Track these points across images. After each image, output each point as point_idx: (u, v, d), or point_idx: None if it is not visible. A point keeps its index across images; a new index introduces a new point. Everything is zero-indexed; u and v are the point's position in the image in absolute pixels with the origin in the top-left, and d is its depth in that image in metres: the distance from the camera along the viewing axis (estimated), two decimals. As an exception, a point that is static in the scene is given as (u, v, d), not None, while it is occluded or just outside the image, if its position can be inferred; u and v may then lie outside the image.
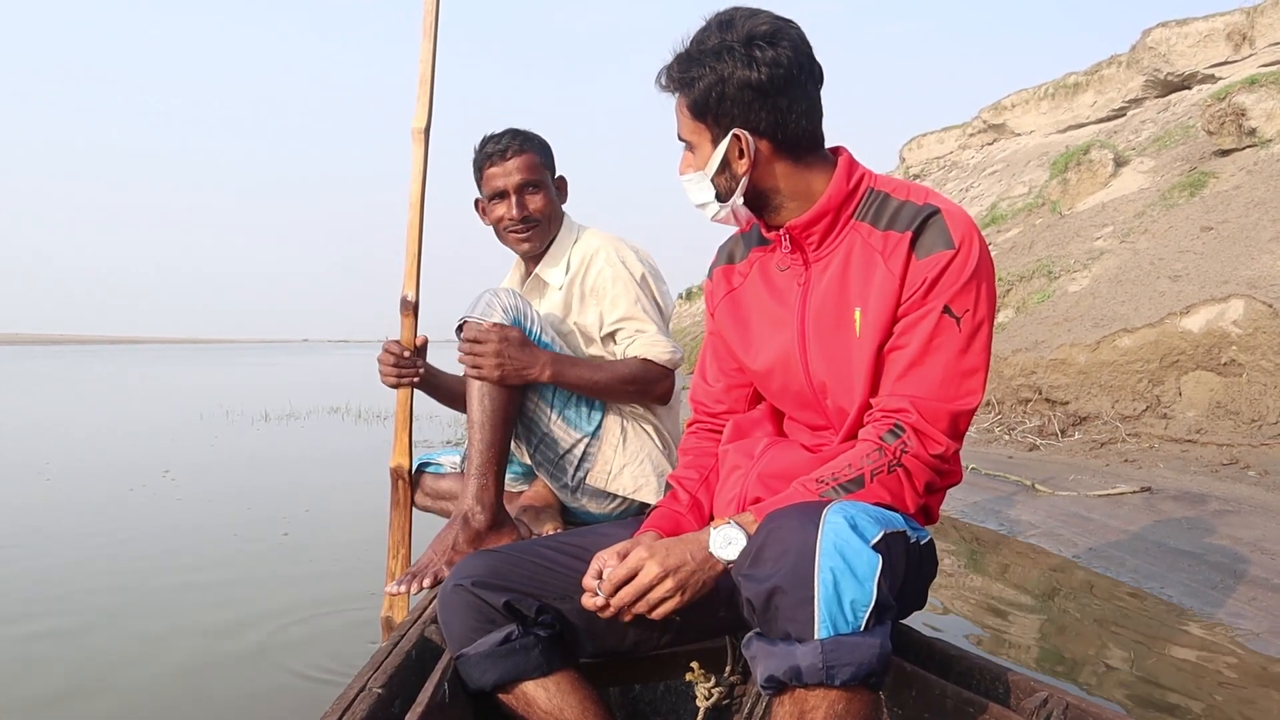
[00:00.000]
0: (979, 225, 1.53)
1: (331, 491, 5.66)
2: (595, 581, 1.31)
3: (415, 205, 2.13)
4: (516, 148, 2.22)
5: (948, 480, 1.37)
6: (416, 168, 2.14)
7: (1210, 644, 2.51)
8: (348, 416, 10.50)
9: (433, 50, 2.13)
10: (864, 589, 1.07)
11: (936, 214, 1.30)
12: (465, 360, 1.98)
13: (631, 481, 2.16)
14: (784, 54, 1.28)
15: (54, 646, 2.74)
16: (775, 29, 1.30)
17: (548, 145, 2.31)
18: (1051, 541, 3.75)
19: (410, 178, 2.14)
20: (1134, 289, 6.74)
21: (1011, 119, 16.83)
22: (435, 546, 1.95)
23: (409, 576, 1.89)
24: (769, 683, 1.11)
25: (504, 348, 1.97)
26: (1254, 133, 8.12)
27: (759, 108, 1.30)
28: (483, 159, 2.25)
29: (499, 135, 2.25)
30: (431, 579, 1.89)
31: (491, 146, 2.24)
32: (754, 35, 1.29)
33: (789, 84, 1.29)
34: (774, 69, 1.28)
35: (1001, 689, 1.32)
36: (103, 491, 5.52)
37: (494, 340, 1.96)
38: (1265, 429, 5.04)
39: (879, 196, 1.37)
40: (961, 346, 1.29)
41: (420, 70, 2.14)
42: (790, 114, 1.31)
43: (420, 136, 2.14)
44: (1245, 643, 2.49)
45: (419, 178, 2.14)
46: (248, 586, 3.42)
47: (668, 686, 1.77)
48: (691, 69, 1.32)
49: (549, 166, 2.29)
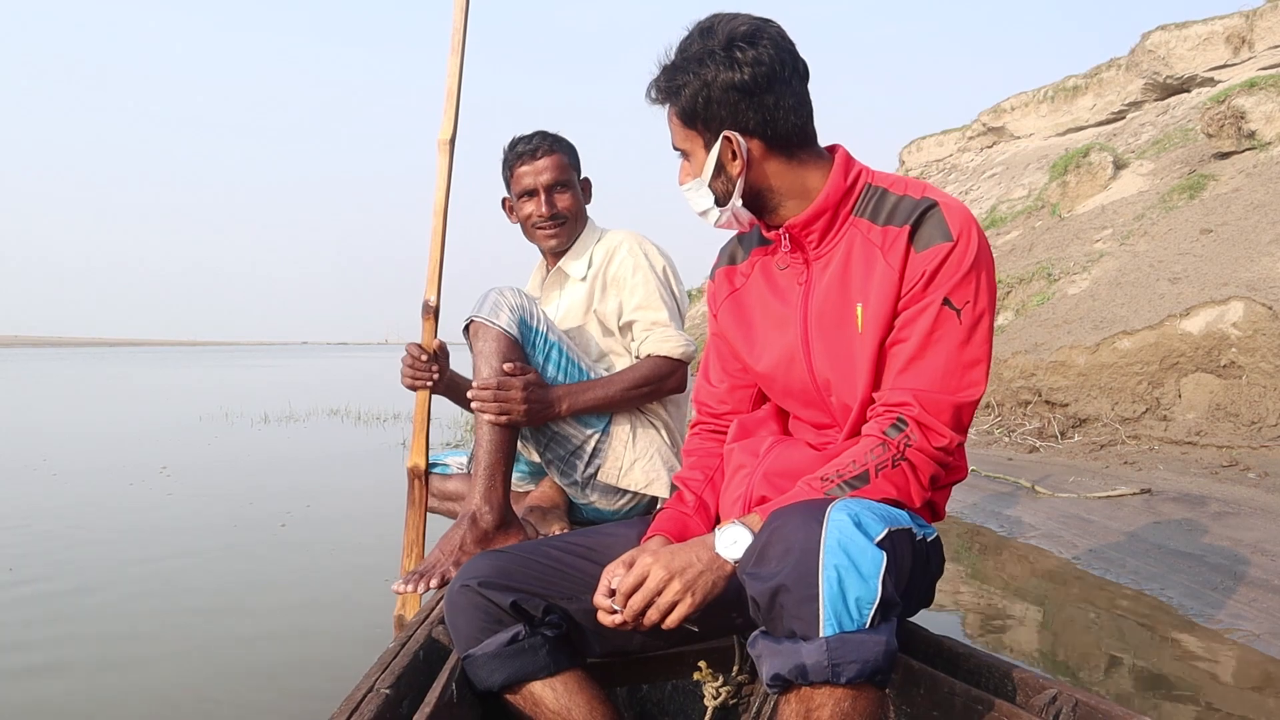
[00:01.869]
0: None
1: (332, 491, 5.67)
2: (608, 600, 1.31)
3: (439, 213, 2.17)
4: (546, 148, 2.29)
5: (953, 475, 1.38)
6: (441, 177, 2.18)
7: (1210, 645, 2.52)
8: (348, 418, 10.50)
9: (459, 66, 2.18)
10: (869, 586, 1.07)
11: (934, 207, 1.31)
12: (489, 408, 2.00)
13: (643, 476, 2.18)
14: (765, 52, 1.30)
15: (50, 644, 2.74)
16: (754, 29, 1.31)
17: (574, 148, 2.38)
18: (1051, 543, 3.76)
19: (435, 186, 2.19)
20: (1133, 291, 6.75)
21: (1011, 122, 16.86)
22: (442, 546, 1.96)
23: (416, 575, 1.90)
24: (774, 681, 1.11)
25: (530, 393, 2.02)
26: (1253, 135, 8.13)
27: (746, 107, 1.31)
28: (514, 158, 2.32)
29: (529, 136, 2.32)
30: (439, 579, 1.90)
31: (523, 146, 2.31)
32: (734, 37, 1.30)
33: (773, 81, 1.31)
34: (756, 68, 1.29)
35: (1010, 686, 1.32)
36: (103, 489, 5.52)
37: (519, 388, 2.00)
38: (1265, 431, 5.05)
39: (877, 192, 1.37)
40: (963, 338, 1.30)
41: (447, 84, 2.18)
42: (778, 111, 1.32)
43: (445, 147, 2.19)
44: (1245, 644, 2.50)
45: (443, 186, 2.18)
46: (246, 584, 3.43)
47: (675, 686, 1.77)
48: (676, 77, 1.34)
49: (576, 167, 2.36)
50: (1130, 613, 2.83)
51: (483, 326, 2.04)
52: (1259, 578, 3.00)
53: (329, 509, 5.06)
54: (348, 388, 16.91)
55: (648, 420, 2.24)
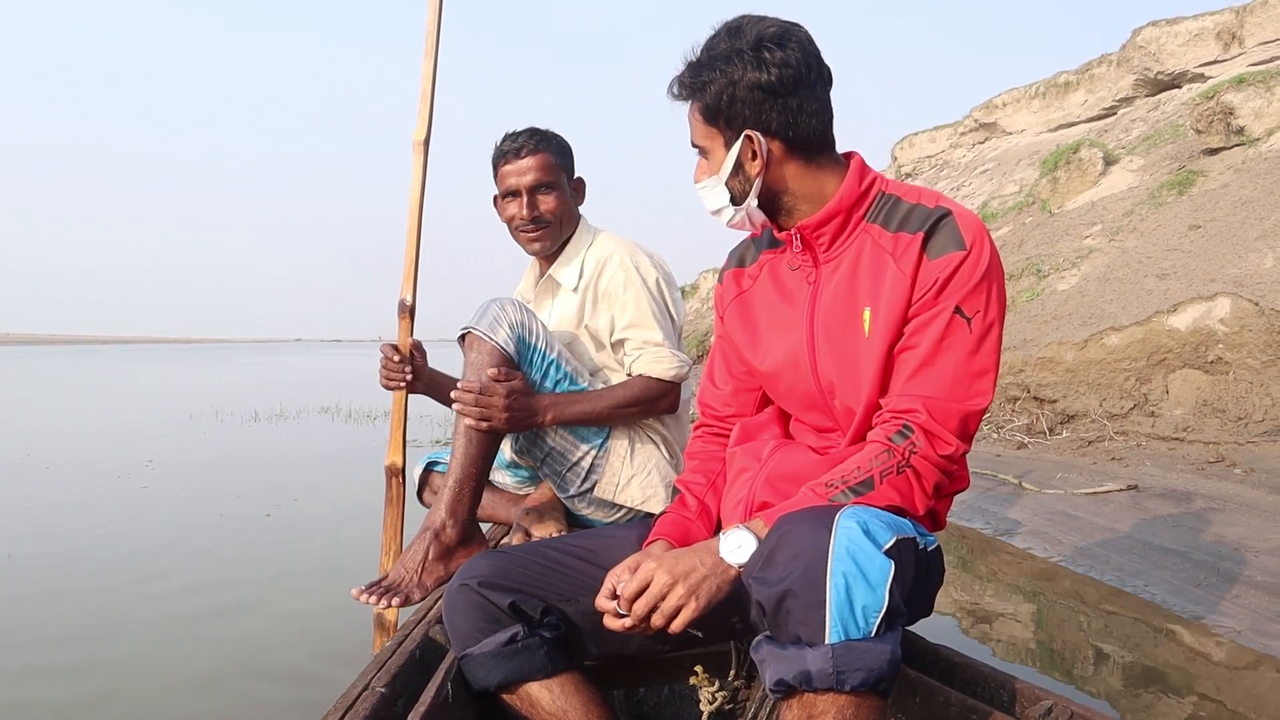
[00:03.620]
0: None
1: (318, 487, 5.64)
2: (612, 603, 1.30)
3: (414, 213, 2.19)
4: (532, 147, 2.23)
5: (955, 484, 1.38)
6: (416, 177, 2.20)
7: (1194, 641, 2.52)
8: (338, 416, 10.47)
9: (433, 69, 2.21)
10: (876, 594, 1.07)
11: (948, 216, 1.32)
12: (470, 412, 1.97)
13: (640, 493, 2.16)
14: (793, 55, 1.31)
15: (45, 641, 2.72)
16: (783, 31, 1.33)
17: (567, 146, 2.31)
18: (1038, 539, 3.76)
19: (410, 186, 2.20)
20: (1122, 287, 6.76)
21: (1003, 118, 16.87)
22: (405, 562, 1.94)
23: (379, 589, 1.89)
24: (778, 686, 1.10)
25: (513, 400, 1.99)
26: (1242, 131, 8.14)
27: (769, 108, 1.32)
28: (498, 156, 2.27)
29: (517, 133, 2.27)
30: (401, 599, 1.89)
31: (508, 144, 2.25)
32: (762, 38, 1.31)
33: (798, 84, 1.32)
34: (783, 69, 1.30)
35: (1006, 697, 1.32)
36: (92, 486, 5.49)
37: (501, 394, 1.97)
38: (1251, 427, 5.06)
39: (890, 200, 1.38)
40: (972, 347, 1.30)
41: (422, 86, 2.21)
42: (801, 114, 1.33)
43: (420, 148, 2.21)
44: (1230, 639, 2.50)
45: (418, 186, 2.21)
46: (233, 580, 3.41)
47: (672, 690, 1.77)
48: (702, 74, 1.35)
49: (565, 168, 2.29)
50: (1115, 609, 2.83)
51: (478, 339, 2.02)
52: (1244, 574, 3.00)
53: (315, 504, 5.04)
54: (340, 385, 16.86)
55: (646, 435, 2.21)
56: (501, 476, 2.49)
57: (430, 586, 1.93)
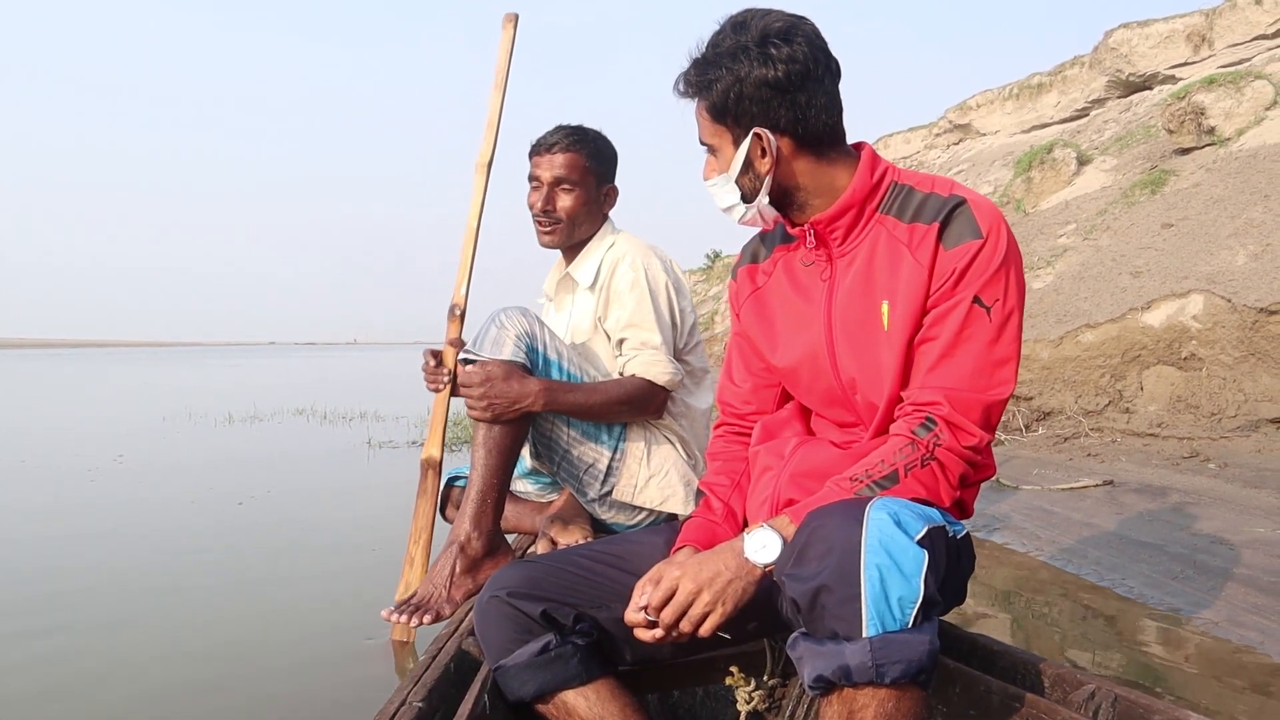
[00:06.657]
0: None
1: (290, 483, 5.56)
2: (640, 614, 1.28)
3: (472, 228, 2.34)
4: (565, 144, 2.28)
5: (981, 473, 1.36)
6: (477, 196, 2.36)
7: (1171, 634, 2.52)
8: (313, 417, 10.36)
9: (500, 101, 2.37)
10: (911, 585, 1.06)
11: (963, 204, 1.30)
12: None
13: (658, 494, 2.15)
14: (800, 50, 1.28)
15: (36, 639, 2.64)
16: (789, 25, 1.29)
17: (608, 153, 2.35)
18: (1015, 535, 3.76)
19: (470, 202, 2.38)
20: (1096, 285, 6.81)
21: (977, 119, 17.02)
22: (433, 578, 1.95)
23: (410, 608, 1.89)
24: (817, 683, 1.09)
25: (489, 388, 1.96)
26: (1213, 131, 8.25)
27: (778, 105, 1.30)
28: (534, 147, 2.34)
29: (559, 128, 2.33)
30: (433, 616, 1.89)
31: (547, 136, 2.32)
32: (768, 33, 1.28)
33: (806, 79, 1.29)
34: (790, 65, 1.28)
35: (1046, 682, 1.31)
36: (60, 484, 5.38)
37: (477, 384, 1.96)
38: (1224, 422, 5.10)
39: (903, 190, 1.36)
40: (992, 336, 1.28)
41: (489, 115, 2.38)
42: (809, 109, 1.31)
43: (483, 169, 2.36)
44: (1205, 631, 2.50)
45: (478, 203, 2.36)
46: (227, 589, 3.34)
47: (707, 691, 1.75)
48: (708, 72, 1.32)
49: (595, 172, 2.32)
50: (1093, 604, 2.83)
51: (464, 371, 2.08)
52: (1219, 566, 3.02)
53: (288, 499, 4.96)
54: (314, 387, 16.70)
55: (663, 436, 2.20)
56: (523, 485, 2.48)
57: (460, 600, 1.93)
